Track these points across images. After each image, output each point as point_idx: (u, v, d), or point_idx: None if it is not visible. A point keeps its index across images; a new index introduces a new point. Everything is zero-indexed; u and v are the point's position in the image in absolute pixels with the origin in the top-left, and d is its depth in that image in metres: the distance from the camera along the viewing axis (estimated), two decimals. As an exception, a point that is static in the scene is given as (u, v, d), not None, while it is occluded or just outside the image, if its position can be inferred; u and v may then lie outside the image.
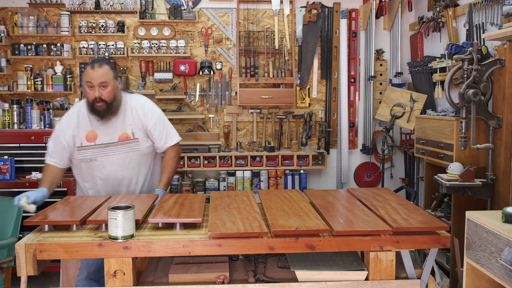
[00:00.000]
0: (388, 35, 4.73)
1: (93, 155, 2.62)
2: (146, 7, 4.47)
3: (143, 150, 2.68)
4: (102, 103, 2.52)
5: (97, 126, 2.62)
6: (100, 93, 2.50)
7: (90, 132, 2.62)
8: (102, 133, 2.62)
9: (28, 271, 1.90)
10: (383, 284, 1.98)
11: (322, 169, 4.75)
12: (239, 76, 4.50)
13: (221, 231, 1.92)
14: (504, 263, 1.75)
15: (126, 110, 2.66)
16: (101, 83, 2.50)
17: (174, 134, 2.77)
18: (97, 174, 2.65)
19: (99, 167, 2.63)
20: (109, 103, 2.54)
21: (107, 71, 2.52)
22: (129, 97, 2.71)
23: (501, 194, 2.86)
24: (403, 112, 4.23)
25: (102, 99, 2.51)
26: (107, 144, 2.62)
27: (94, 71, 2.50)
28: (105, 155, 2.62)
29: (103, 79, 2.50)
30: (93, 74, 2.50)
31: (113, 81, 2.55)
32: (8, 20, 4.45)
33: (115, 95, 2.56)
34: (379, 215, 2.13)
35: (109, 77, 2.52)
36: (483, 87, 2.84)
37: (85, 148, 2.62)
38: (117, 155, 2.63)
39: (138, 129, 2.66)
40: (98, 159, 2.62)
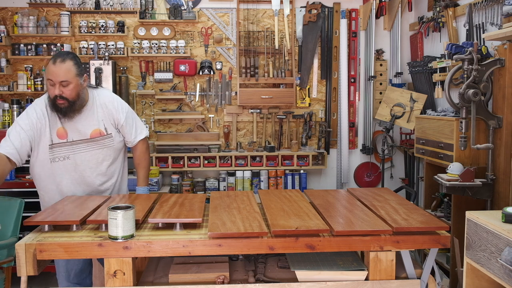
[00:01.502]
0: (388, 35, 4.73)
1: (67, 153, 2.49)
2: (146, 7, 4.47)
3: (116, 146, 2.61)
4: (63, 101, 2.39)
5: (66, 123, 2.49)
6: (61, 90, 2.37)
7: (59, 129, 2.49)
8: (72, 130, 2.50)
9: (28, 271, 1.90)
10: (383, 284, 1.98)
11: (322, 169, 4.75)
12: (239, 76, 4.50)
13: (221, 231, 1.92)
14: (504, 263, 1.75)
15: (95, 106, 2.55)
16: (62, 82, 2.36)
17: (143, 128, 2.72)
18: (70, 174, 2.52)
19: (73, 166, 2.51)
20: (71, 101, 2.41)
21: (70, 68, 2.37)
22: (96, 92, 2.60)
23: (501, 194, 2.86)
24: (403, 112, 4.23)
25: (63, 97, 2.38)
26: (78, 141, 2.51)
27: (56, 67, 2.34)
28: (79, 152, 2.50)
29: (64, 78, 2.35)
30: (54, 71, 2.35)
31: (76, 78, 2.39)
32: (8, 20, 4.45)
33: (78, 93, 2.42)
34: (379, 215, 2.13)
35: (71, 75, 2.37)
36: (483, 87, 2.84)
37: (57, 146, 2.48)
38: (91, 152, 2.53)
39: (110, 124, 2.58)
40: (72, 157, 2.50)
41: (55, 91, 2.37)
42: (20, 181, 4.03)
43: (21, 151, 2.41)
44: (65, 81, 2.36)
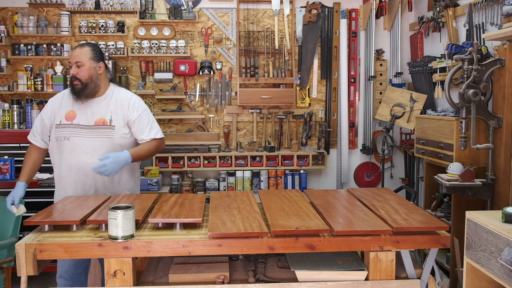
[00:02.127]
0: (388, 35, 4.73)
1: (68, 134, 2.60)
2: (146, 7, 4.47)
3: (116, 140, 2.63)
4: (77, 82, 2.58)
5: (78, 106, 2.64)
6: (76, 71, 2.58)
7: (70, 112, 2.65)
8: (81, 114, 2.64)
9: (28, 271, 1.90)
10: (383, 284, 1.98)
11: (322, 169, 4.75)
12: (239, 76, 4.50)
13: (221, 231, 1.92)
14: (504, 263, 1.75)
15: (110, 98, 2.68)
16: (77, 62, 2.58)
17: (159, 131, 2.80)
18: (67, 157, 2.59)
19: (71, 147, 2.59)
20: (84, 83, 2.59)
21: (85, 52, 2.60)
22: (117, 89, 2.76)
23: (501, 194, 2.86)
24: (403, 112, 4.23)
25: (77, 77, 2.58)
26: (83, 125, 2.61)
27: (75, 51, 2.62)
28: (78, 136, 2.60)
29: (79, 58, 2.58)
30: (73, 54, 2.61)
31: (90, 62, 2.60)
32: (8, 20, 4.45)
33: (91, 76, 2.60)
34: (379, 215, 2.13)
35: (85, 57, 2.59)
36: (483, 87, 2.84)
37: (62, 126, 2.62)
38: (90, 139, 2.60)
39: (118, 118, 2.65)
40: (71, 139, 2.59)
41: (72, 71, 2.59)
42: (20, 181, 4.03)
43: (43, 135, 2.71)
44: (79, 61, 2.58)
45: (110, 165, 2.48)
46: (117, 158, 2.51)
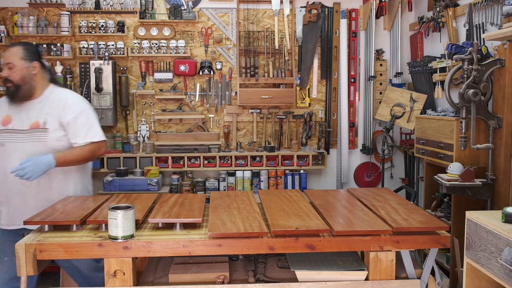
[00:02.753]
0: (388, 35, 4.73)
1: (3, 140, 2.50)
2: (146, 7, 4.47)
3: (50, 143, 2.49)
4: (10, 84, 2.50)
5: (13, 110, 2.54)
6: (7, 73, 2.49)
7: (6, 116, 2.54)
8: (16, 118, 2.53)
9: (28, 271, 1.90)
10: (383, 284, 1.98)
11: (322, 169, 4.75)
12: (239, 76, 4.50)
13: (221, 231, 1.92)
14: (504, 263, 1.75)
15: (47, 100, 2.56)
16: (8, 63, 2.49)
17: (97, 134, 2.60)
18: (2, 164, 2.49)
19: (5, 154, 2.49)
20: (16, 85, 2.48)
21: (16, 52, 2.49)
22: (56, 89, 2.64)
23: (501, 194, 2.86)
24: (403, 112, 4.23)
25: (8, 79, 2.49)
26: (18, 130, 2.50)
27: (7, 51, 2.52)
28: (13, 142, 2.49)
29: (9, 59, 2.49)
30: (4, 55, 2.53)
31: (21, 62, 2.49)
32: (8, 20, 4.45)
33: (23, 76, 2.49)
34: (379, 215, 2.13)
35: (16, 58, 2.48)
36: (483, 87, 2.84)
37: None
38: (24, 144, 2.48)
39: (53, 120, 2.51)
40: (6, 145, 2.50)
41: (3, 73, 2.50)
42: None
43: None
44: (10, 63, 2.48)
45: (30, 168, 2.34)
46: (38, 161, 2.37)
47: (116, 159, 4.38)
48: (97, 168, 4.35)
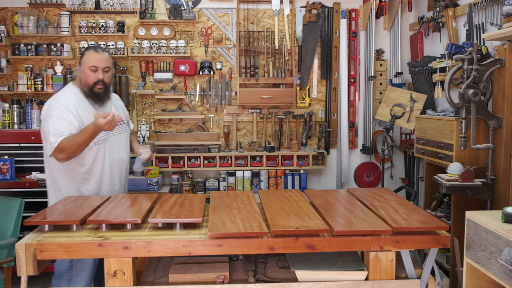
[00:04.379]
0: (388, 35, 4.73)
1: (105, 136, 2.72)
2: (146, 7, 4.47)
3: (128, 132, 2.98)
4: (102, 86, 2.69)
5: (97, 110, 2.73)
6: (103, 75, 2.69)
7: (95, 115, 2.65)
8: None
9: (28, 271, 1.91)
10: (383, 284, 1.98)
11: (322, 169, 4.75)
12: (239, 76, 4.50)
13: (221, 231, 1.92)
14: (504, 263, 1.75)
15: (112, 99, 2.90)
16: (105, 67, 2.70)
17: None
18: (108, 156, 2.75)
19: (109, 147, 2.76)
20: (107, 87, 2.75)
21: (109, 57, 2.77)
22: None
23: (501, 194, 2.86)
24: (403, 112, 4.23)
25: (104, 81, 2.70)
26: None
27: (100, 55, 2.69)
28: (113, 135, 2.78)
29: (107, 64, 2.71)
30: (100, 58, 2.68)
31: (113, 67, 2.82)
32: (8, 20, 4.45)
33: (111, 80, 2.83)
34: (379, 215, 2.13)
35: (111, 63, 2.76)
36: (483, 87, 2.84)
37: None
38: (120, 135, 2.85)
39: (122, 113, 2.93)
40: (110, 139, 2.76)
41: (98, 76, 2.66)
42: (20, 181, 4.03)
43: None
44: (108, 67, 2.72)
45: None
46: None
47: (116, 159, 4.38)
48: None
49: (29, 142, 4.10)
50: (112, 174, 2.78)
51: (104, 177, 2.75)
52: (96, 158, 2.70)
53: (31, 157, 4.12)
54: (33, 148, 4.11)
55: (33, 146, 4.11)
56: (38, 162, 4.13)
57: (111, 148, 2.77)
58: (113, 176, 2.79)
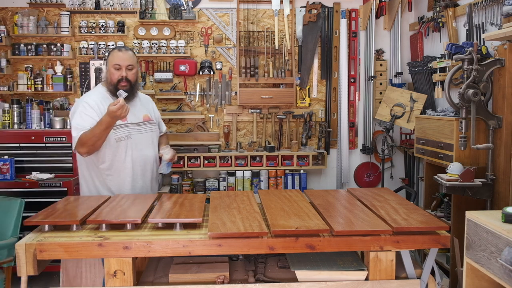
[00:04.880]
0: (388, 35, 4.73)
1: (129, 133, 2.76)
2: (146, 7, 4.47)
3: (157, 132, 2.98)
4: (126, 83, 2.74)
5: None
6: (127, 73, 2.74)
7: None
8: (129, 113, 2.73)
9: (28, 271, 1.90)
10: (383, 284, 1.98)
11: (322, 169, 4.75)
12: (239, 76, 4.50)
13: (221, 231, 1.92)
14: (504, 263, 1.75)
15: (140, 98, 2.95)
16: (129, 65, 2.74)
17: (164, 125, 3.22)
18: (130, 153, 2.76)
19: (132, 145, 2.76)
20: (132, 84, 2.78)
21: (133, 55, 2.81)
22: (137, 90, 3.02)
23: (501, 194, 2.86)
24: (403, 112, 4.23)
25: (127, 79, 2.74)
26: (136, 123, 2.81)
27: (123, 53, 2.76)
28: (137, 133, 2.80)
29: (130, 62, 2.76)
30: (123, 56, 2.75)
31: (137, 65, 2.84)
32: (8, 20, 4.45)
33: (136, 78, 2.83)
34: (379, 215, 2.13)
35: (134, 61, 2.80)
36: (483, 87, 2.84)
37: (120, 126, 2.73)
38: (146, 134, 2.85)
39: (151, 113, 2.98)
40: (133, 137, 2.77)
41: (122, 73, 2.73)
42: (20, 181, 4.03)
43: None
44: (130, 65, 2.75)
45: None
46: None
47: (116, 159, 4.38)
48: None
49: (29, 142, 4.10)
50: (134, 172, 2.78)
51: (126, 174, 2.76)
52: (117, 155, 2.72)
53: (31, 157, 4.12)
54: (33, 148, 4.11)
55: (33, 146, 4.11)
56: (38, 162, 4.13)
57: (134, 145, 2.77)
58: (135, 174, 2.78)
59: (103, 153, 2.71)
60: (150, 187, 2.91)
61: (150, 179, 2.91)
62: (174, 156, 2.89)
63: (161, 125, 3.12)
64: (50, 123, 4.23)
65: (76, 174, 4.15)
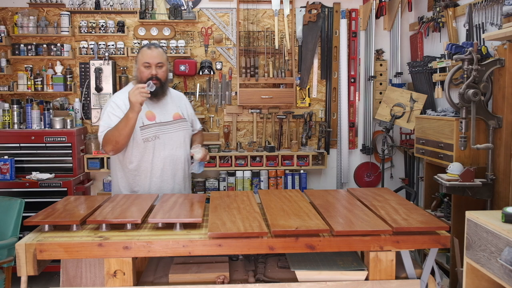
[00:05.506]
0: (388, 35, 4.73)
1: (157, 133, 2.73)
2: (146, 7, 4.47)
3: (188, 130, 2.90)
4: (156, 81, 2.70)
5: (153, 106, 2.77)
6: (156, 71, 2.72)
7: (148, 112, 2.75)
8: (158, 112, 2.78)
9: (28, 271, 1.91)
10: (383, 284, 1.98)
11: (322, 169, 4.75)
12: (239, 76, 4.50)
13: (221, 231, 1.92)
14: (504, 263, 1.75)
15: (171, 96, 2.90)
16: (158, 63, 2.73)
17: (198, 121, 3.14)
18: (158, 154, 2.73)
19: (160, 145, 2.74)
20: (162, 82, 2.75)
21: (162, 53, 2.78)
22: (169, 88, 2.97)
23: (501, 194, 2.86)
24: (403, 112, 4.23)
25: (157, 77, 2.72)
26: (165, 122, 2.78)
27: (152, 51, 2.74)
28: (166, 133, 2.76)
29: (160, 60, 2.73)
30: (152, 55, 2.72)
31: (167, 63, 2.82)
32: (8, 20, 4.45)
33: (166, 76, 2.81)
34: (379, 215, 2.13)
35: (164, 58, 2.77)
36: (483, 87, 2.84)
37: (148, 126, 2.72)
38: (176, 133, 2.80)
39: (184, 111, 2.92)
40: (161, 137, 2.74)
41: (151, 72, 2.71)
42: (20, 181, 4.03)
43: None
44: (160, 63, 2.74)
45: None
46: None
47: (116, 159, 4.38)
48: (97, 168, 4.35)
49: (29, 142, 4.10)
50: (163, 173, 2.75)
51: (154, 175, 2.74)
52: (144, 155, 2.71)
53: (31, 157, 4.13)
54: (33, 148, 4.12)
55: (33, 146, 4.11)
56: (38, 162, 4.14)
57: (163, 146, 2.74)
58: (164, 174, 2.76)
59: (130, 154, 2.71)
60: (183, 187, 2.85)
61: (183, 179, 2.85)
62: (205, 155, 2.79)
63: (194, 122, 3.04)
64: (50, 123, 4.23)
65: (75, 174, 4.18)
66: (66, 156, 4.16)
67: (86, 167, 4.34)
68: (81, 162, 4.29)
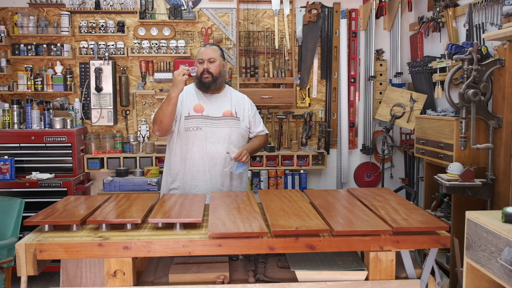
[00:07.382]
0: (388, 35, 4.73)
1: (200, 124, 2.81)
2: (146, 7, 4.47)
3: (241, 130, 2.91)
4: (208, 75, 2.82)
5: (204, 100, 2.88)
6: (208, 66, 2.83)
7: (197, 105, 2.86)
8: (208, 106, 2.86)
9: (28, 271, 1.90)
10: (383, 284, 1.98)
11: (322, 169, 4.75)
12: (239, 76, 4.50)
13: (221, 231, 1.92)
14: (504, 263, 1.75)
15: (230, 95, 2.98)
16: (210, 58, 2.84)
17: (265, 128, 3.14)
18: (198, 145, 2.80)
19: (203, 137, 2.80)
20: (214, 77, 2.84)
21: (216, 50, 2.89)
22: (231, 89, 3.08)
23: (501, 194, 2.86)
24: (403, 112, 4.23)
25: (209, 71, 2.82)
26: (213, 117, 2.84)
27: (206, 48, 2.89)
28: (210, 127, 2.82)
29: (211, 55, 2.85)
30: (205, 51, 2.87)
31: (220, 58, 2.89)
32: (8, 20, 4.45)
33: (220, 71, 2.88)
34: (379, 215, 2.13)
35: (216, 54, 2.87)
36: (483, 87, 2.84)
37: (193, 117, 2.82)
38: (221, 129, 2.84)
39: (240, 111, 2.94)
40: (203, 129, 2.80)
41: (203, 66, 2.83)
42: (20, 181, 4.03)
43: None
44: (212, 58, 2.85)
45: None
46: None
47: (116, 159, 4.39)
48: (97, 168, 4.35)
49: (29, 142, 4.11)
50: (202, 163, 2.81)
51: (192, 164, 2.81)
52: (184, 144, 2.81)
53: (31, 157, 4.13)
54: (33, 148, 4.12)
55: (33, 146, 4.11)
56: (38, 162, 4.14)
57: (204, 138, 2.80)
58: (203, 165, 2.81)
59: (174, 142, 2.85)
60: (220, 183, 2.84)
61: (220, 175, 2.83)
62: (240, 156, 2.72)
63: (253, 125, 3.02)
64: (50, 123, 4.23)
65: (75, 174, 4.18)
66: (66, 156, 4.16)
67: (86, 167, 4.34)
68: (81, 162, 4.30)
